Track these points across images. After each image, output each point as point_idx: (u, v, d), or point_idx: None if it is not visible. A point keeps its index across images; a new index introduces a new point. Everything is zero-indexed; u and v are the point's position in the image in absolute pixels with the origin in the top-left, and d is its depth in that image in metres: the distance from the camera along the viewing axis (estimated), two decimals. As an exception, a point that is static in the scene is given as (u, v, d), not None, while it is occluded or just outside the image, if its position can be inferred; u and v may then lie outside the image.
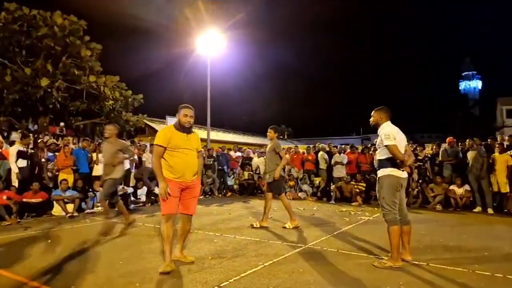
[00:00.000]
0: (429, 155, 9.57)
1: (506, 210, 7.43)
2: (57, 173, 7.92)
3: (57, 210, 7.12)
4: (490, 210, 7.45)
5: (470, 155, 8.00)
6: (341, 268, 3.52)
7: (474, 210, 7.66)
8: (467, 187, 7.97)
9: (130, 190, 8.67)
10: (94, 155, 8.46)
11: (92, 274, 3.37)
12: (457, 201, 7.93)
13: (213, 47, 16.71)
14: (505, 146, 8.07)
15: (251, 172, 11.65)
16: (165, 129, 3.68)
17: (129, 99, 18.18)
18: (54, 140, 9.76)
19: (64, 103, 16.46)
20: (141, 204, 8.47)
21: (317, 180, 10.37)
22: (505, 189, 7.47)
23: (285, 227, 5.58)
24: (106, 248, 4.43)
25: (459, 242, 4.64)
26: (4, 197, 6.52)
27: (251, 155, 12.68)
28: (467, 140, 8.53)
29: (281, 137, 45.67)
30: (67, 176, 7.65)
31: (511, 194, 7.41)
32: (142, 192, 8.75)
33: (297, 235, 5.07)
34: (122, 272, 3.42)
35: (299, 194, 10.23)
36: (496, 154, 7.77)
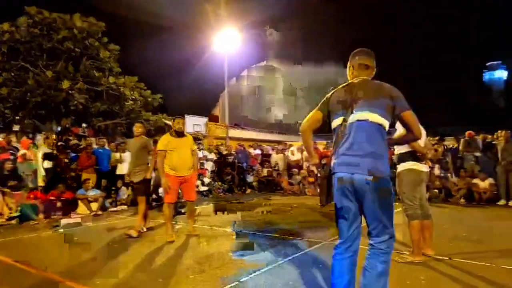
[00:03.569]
0: (452, 147, 9.33)
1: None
2: (80, 172, 8.19)
3: (81, 209, 7.37)
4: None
5: (500, 146, 7.75)
6: (361, 263, 3.51)
7: (498, 203, 7.44)
8: (490, 180, 7.75)
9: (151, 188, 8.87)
10: (117, 154, 8.69)
11: (117, 270, 3.50)
12: (481, 195, 7.71)
13: (230, 44, 16.77)
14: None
15: (270, 169, 11.69)
16: (163, 137, 4.92)
17: (148, 99, 18.52)
18: (77, 141, 10.07)
19: (85, 104, 16.94)
20: (162, 202, 8.64)
21: None
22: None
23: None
24: (130, 244, 4.57)
25: (482, 236, 4.53)
26: (32, 197, 6.81)
27: (270, 152, 12.71)
28: (498, 132, 8.20)
29: (300, 133, 45.39)
30: (90, 176, 7.90)
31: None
32: (162, 190, 8.93)
33: (318, 231, 5.08)
34: (146, 268, 3.54)
35: (318, 190, 10.17)
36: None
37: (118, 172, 8.55)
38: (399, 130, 3.53)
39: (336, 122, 2.22)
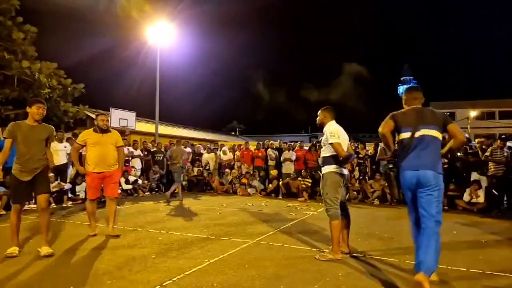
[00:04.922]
0: (369, 154, 10.19)
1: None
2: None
3: (-20, 208, 6.40)
4: None
5: None
6: (284, 262, 3.61)
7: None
8: (401, 183, 8.62)
9: (67, 186, 8.10)
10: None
11: (21, 277, 3.08)
12: (392, 196, 8.54)
13: (163, 37, 16.10)
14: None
15: (201, 168, 11.50)
16: (84, 131, 4.92)
17: (69, 88, 16.85)
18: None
19: (-10, 89, 14.81)
20: (79, 201, 7.95)
21: (273, 173, 10.44)
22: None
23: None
24: (37, 248, 4.07)
25: (392, 234, 5.00)
26: None
27: (201, 150, 12.50)
28: None
29: (233, 133, 45.62)
30: (-8, 171, 6.89)
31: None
32: (81, 189, 8.21)
33: (245, 231, 5.10)
34: (55, 274, 3.18)
35: (249, 190, 10.30)
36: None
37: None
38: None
39: (404, 135, 3.03)
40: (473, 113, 36.44)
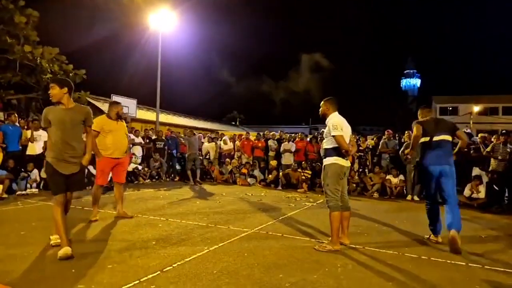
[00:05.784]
0: (370, 147, 10.17)
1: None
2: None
3: (-19, 191, 6.44)
4: (415, 197, 8.19)
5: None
6: (284, 252, 3.64)
7: (407, 198, 8.33)
8: (401, 177, 8.62)
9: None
10: (28, 132, 7.75)
11: (22, 260, 3.12)
12: (392, 189, 8.55)
13: (165, 23, 15.94)
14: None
15: (201, 157, 11.51)
16: (99, 118, 4.91)
17: (70, 74, 16.78)
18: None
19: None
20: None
21: (273, 163, 10.45)
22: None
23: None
24: (41, 232, 4.11)
25: (391, 227, 5.03)
26: None
27: (202, 140, 12.50)
28: (406, 132, 9.09)
29: (233, 123, 45.54)
30: (-6, 155, 6.90)
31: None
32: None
33: (244, 221, 5.13)
34: (55, 257, 3.21)
35: (248, 180, 10.33)
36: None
37: (29, 152, 7.64)
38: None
39: (424, 139, 4.16)
40: (476, 108, 36.28)
